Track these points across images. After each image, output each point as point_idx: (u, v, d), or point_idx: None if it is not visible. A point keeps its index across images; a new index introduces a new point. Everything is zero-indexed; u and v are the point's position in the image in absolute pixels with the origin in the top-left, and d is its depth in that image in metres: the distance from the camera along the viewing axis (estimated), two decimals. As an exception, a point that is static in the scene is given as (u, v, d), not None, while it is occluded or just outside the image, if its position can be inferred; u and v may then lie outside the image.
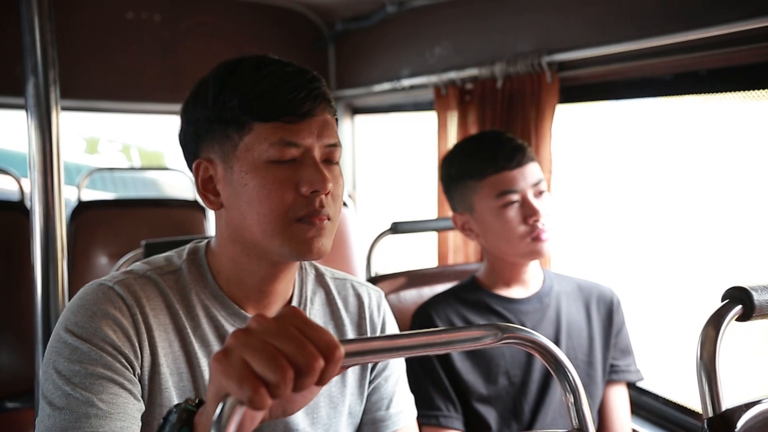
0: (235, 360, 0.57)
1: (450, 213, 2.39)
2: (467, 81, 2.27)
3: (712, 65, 1.55)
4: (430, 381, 1.45)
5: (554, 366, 0.73)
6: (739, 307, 0.83)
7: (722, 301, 0.84)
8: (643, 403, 1.85)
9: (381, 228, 2.10)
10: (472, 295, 1.55)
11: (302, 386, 0.57)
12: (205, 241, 1.03)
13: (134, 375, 0.88)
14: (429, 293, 1.73)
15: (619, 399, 1.59)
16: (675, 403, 1.78)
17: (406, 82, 2.63)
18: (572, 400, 0.74)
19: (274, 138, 0.89)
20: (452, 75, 2.29)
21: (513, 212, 1.46)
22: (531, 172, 1.49)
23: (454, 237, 2.40)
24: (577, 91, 1.93)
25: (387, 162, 4.44)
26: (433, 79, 2.39)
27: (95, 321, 0.87)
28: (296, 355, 0.57)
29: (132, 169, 6.86)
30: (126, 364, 0.87)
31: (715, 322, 0.82)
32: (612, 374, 1.58)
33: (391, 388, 1.11)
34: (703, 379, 0.79)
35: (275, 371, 0.55)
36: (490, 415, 1.46)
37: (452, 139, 2.36)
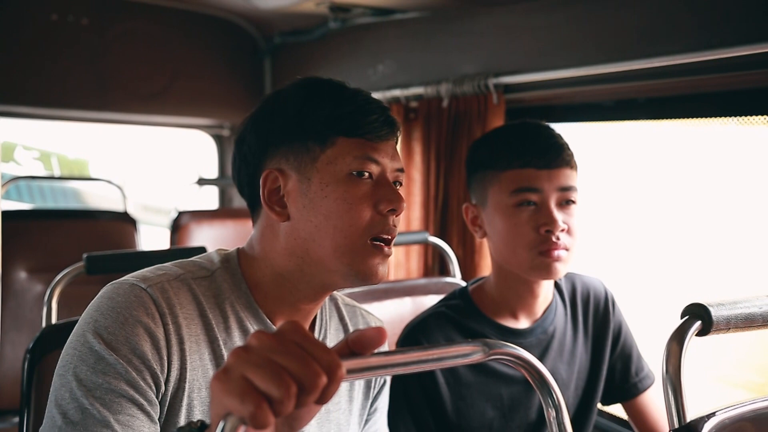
0: (236, 377, 0.55)
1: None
2: (411, 99, 2.30)
3: (651, 94, 1.65)
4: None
5: (539, 382, 0.75)
6: (699, 322, 0.87)
7: (682, 317, 0.89)
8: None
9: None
10: (471, 323, 1.35)
11: (304, 403, 0.56)
12: (235, 249, 0.99)
13: (157, 393, 0.85)
14: (378, 308, 1.73)
15: (656, 401, 1.46)
16: (613, 416, 1.85)
17: (348, 98, 2.63)
18: (554, 415, 0.76)
19: (358, 152, 0.92)
20: (396, 93, 2.32)
21: (526, 215, 1.27)
22: (562, 176, 1.28)
23: (396, 253, 2.41)
24: (522, 113, 2.01)
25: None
26: (376, 96, 2.41)
27: (126, 328, 0.83)
28: (299, 370, 0.55)
29: (57, 178, 6.30)
30: (150, 381, 0.84)
31: (678, 337, 0.86)
32: (634, 388, 1.46)
33: (383, 419, 1.14)
34: (669, 392, 0.83)
35: (279, 386, 0.54)
36: None
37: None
